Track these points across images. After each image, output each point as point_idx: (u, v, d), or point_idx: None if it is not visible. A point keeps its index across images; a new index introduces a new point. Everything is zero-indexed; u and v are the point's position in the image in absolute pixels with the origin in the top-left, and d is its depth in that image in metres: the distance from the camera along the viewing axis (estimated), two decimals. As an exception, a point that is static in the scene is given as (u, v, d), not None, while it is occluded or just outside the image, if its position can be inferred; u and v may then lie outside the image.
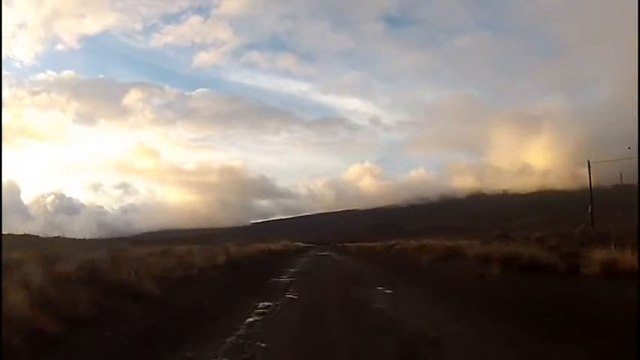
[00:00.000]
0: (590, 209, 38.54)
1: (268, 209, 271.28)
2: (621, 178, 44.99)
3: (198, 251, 19.01)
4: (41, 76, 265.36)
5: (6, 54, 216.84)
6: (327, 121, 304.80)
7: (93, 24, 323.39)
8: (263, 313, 8.65)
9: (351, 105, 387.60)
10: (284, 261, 28.89)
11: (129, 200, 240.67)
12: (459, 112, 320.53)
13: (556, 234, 22.75)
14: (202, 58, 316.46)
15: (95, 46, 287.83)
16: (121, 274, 9.52)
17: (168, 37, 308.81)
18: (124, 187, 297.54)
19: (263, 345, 6.14)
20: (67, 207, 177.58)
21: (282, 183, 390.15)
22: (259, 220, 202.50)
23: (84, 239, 25.80)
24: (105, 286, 8.51)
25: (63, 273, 8.02)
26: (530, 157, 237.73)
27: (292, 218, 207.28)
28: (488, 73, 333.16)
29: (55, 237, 20.20)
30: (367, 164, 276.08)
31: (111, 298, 8.14)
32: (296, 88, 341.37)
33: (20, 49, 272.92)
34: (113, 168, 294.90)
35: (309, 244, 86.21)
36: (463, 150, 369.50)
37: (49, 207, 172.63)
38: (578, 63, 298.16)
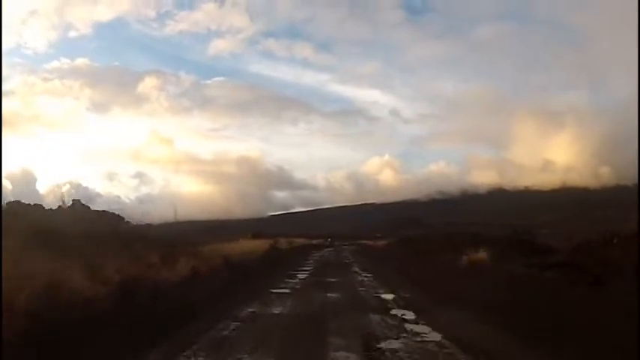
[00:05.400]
0: None
1: (287, 201, 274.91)
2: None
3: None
4: (55, 63, 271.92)
5: (17, 41, 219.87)
6: (346, 113, 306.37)
7: (106, 10, 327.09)
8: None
9: (370, 96, 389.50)
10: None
11: (145, 190, 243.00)
12: (480, 105, 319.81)
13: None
14: (218, 46, 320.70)
15: (109, 33, 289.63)
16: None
17: (182, 24, 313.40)
18: (140, 176, 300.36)
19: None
20: (84, 196, 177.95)
21: (300, 175, 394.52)
22: (278, 213, 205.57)
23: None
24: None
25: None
26: (552, 153, 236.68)
27: (311, 211, 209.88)
28: (510, 65, 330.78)
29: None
30: (387, 157, 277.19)
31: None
32: (314, 78, 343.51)
33: (32, 37, 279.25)
34: (128, 157, 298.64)
35: (325, 241, 76.11)
36: (484, 144, 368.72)
37: (64, 196, 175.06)
38: (602, 56, 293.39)
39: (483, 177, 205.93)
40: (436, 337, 7.50)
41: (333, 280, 16.87)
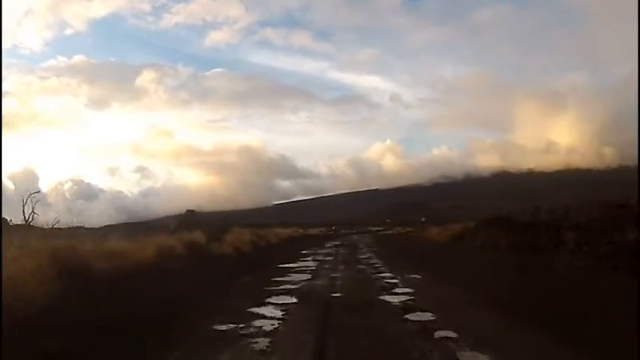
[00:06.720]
0: None
1: (290, 190, 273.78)
2: None
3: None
4: (51, 62, 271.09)
5: (13, 42, 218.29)
6: (347, 100, 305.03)
7: (101, 6, 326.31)
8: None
9: (370, 82, 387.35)
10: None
11: (147, 184, 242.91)
12: (481, 88, 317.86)
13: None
14: (215, 37, 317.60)
15: (105, 29, 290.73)
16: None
17: (178, 16, 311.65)
18: (142, 170, 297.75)
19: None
20: (86, 193, 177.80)
21: (302, 163, 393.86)
22: (281, 202, 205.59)
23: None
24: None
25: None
26: (555, 134, 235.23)
27: (314, 199, 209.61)
28: (510, 48, 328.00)
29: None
30: (389, 143, 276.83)
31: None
32: (313, 65, 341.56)
33: (28, 37, 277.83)
34: (129, 151, 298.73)
35: (329, 230, 70.45)
36: (486, 127, 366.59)
37: (67, 194, 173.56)
38: (602, 36, 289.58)
39: (486, 160, 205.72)
40: None
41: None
